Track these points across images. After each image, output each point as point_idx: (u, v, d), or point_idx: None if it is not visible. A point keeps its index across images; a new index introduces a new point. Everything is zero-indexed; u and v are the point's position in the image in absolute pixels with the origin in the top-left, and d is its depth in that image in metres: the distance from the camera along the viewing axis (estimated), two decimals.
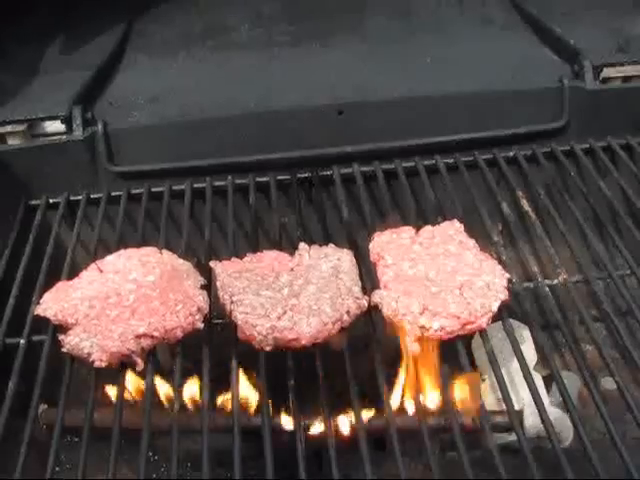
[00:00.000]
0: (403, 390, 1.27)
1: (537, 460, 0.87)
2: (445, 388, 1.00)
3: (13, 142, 1.37)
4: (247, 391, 1.25)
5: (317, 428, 1.18)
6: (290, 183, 1.39)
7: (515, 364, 1.11)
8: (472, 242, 1.13)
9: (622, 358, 1.39)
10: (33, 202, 1.37)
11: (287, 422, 1.18)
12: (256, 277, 1.07)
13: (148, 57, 1.61)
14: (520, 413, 1.22)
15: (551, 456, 0.89)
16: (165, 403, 1.28)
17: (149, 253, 1.13)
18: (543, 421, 0.92)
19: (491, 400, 1.33)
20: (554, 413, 1.13)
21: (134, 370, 1.02)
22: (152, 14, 1.74)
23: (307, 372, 1.00)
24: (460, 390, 1.24)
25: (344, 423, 1.18)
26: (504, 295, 1.02)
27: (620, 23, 1.57)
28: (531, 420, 1.16)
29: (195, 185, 1.37)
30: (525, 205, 1.30)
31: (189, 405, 1.27)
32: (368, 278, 1.12)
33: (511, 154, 1.42)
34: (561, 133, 1.45)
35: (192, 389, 1.25)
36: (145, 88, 1.48)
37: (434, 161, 1.39)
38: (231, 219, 1.28)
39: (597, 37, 1.52)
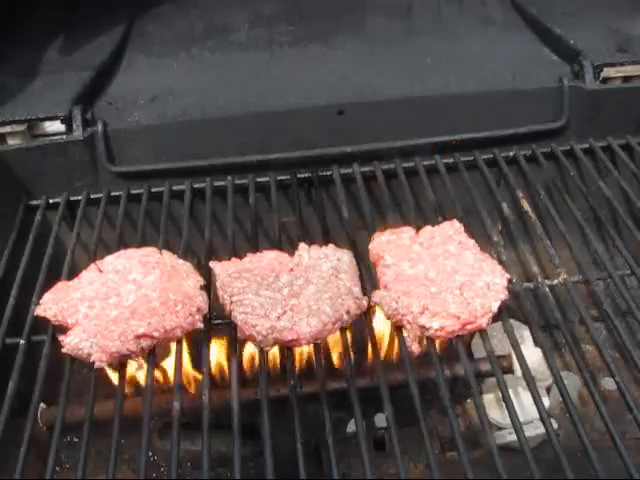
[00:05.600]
0: None
1: (537, 460, 0.87)
2: None
3: (13, 142, 1.37)
4: None
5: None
6: (290, 183, 1.39)
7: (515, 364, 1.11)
8: (472, 242, 1.13)
9: (622, 358, 1.40)
10: (33, 202, 1.37)
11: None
12: (256, 277, 1.07)
13: (148, 57, 1.61)
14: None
15: (551, 456, 0.89)
16: None
17: (149, 253, 1.13)
18: (543, 421, 0.93)
19: (491, 400, 1.34)
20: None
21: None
22: (152, 14, 1.74)
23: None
24: None
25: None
26: (504, 295, 1.02)
27: (620, 23, 1.57)
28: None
29: (195, 185, 1.37)
30: (525, 205, 1.30)
31: None
32: (368, 278, 1.12)
33: (511, 154, 1.42)
34: (561, 133, 1.45)
35: None
36: (145, 88, 1.48)
37: (434, 161, 1.39)
38: (231, 219, 1.28)
39: (597, 37, 1.52)
